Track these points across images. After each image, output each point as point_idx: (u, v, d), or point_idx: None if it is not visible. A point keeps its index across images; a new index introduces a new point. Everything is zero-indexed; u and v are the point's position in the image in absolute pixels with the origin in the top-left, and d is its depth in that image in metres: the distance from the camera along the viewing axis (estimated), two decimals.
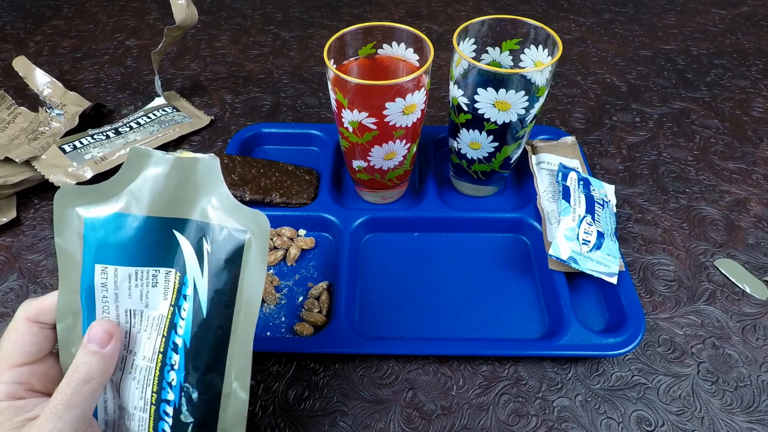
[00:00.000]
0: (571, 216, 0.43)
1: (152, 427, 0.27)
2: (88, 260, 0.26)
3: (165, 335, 0.27)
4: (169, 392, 0.27)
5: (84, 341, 0.25)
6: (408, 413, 0.37)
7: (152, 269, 0.27)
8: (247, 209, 0.26)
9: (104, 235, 0.26)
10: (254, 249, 0.26)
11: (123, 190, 0.26)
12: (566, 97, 0.64)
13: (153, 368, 0.27)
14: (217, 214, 0.26)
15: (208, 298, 0.27)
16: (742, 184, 0.54)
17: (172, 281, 0.27)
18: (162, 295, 0.27)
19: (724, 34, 0.76)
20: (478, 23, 0.42)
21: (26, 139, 0.55)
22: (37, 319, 0.26)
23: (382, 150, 0.42)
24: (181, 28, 0.56)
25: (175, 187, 0.26)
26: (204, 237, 0.26)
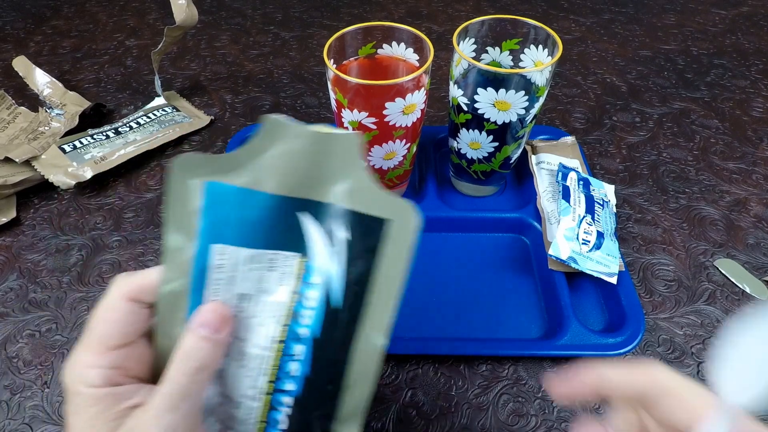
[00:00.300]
0: (570, 216, 0.43)
1: (264, 416, 0.26)
2: (205, 239, 0.23)
3: (285, 324, 0.25)
4: (289, 383, 0.26)
5: (193, 325, 0.23)
6: (408, 413, 0.37)
7: (271, 252, 0.24)
8: (392, 197, 0.23)
9: (227, 212, 0.23)
10: (394, 241, 0.24)
11: (251, 162, 0.23)
12: (566, 97, 0.64)
13: (269, 357, 0.25)
14: (354, 199, 0.24)
15: (342, 288, 0.24)
16: (742, 184, 0.54)
17: (293, 266, 0.24)
18: (278, 280, 0.25)
19: (724, 34, 0.76)
20: (478, 23, 0.42)
21: (26, 139, 0.55)
22: (137, 297, 0.23)
23: (381, 150, 0.42)
24: (181, 28, 0.56)
25: (309, 164, 0.23)
26: (339, 223, 0.24)
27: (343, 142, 0.23)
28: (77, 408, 0.22)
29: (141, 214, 0.50)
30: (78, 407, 0.22)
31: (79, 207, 0.51)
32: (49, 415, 0.37)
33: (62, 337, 0.41)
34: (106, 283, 0.44)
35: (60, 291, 0.44)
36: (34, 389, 0.38)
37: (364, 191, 0.24)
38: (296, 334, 0.25)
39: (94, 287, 0.44)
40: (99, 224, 0.49)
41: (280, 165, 0.23)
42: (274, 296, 0.25)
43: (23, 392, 0.38)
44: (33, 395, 0.38)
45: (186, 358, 0.22)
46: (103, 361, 0.22)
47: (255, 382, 0.26)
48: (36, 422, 0.36)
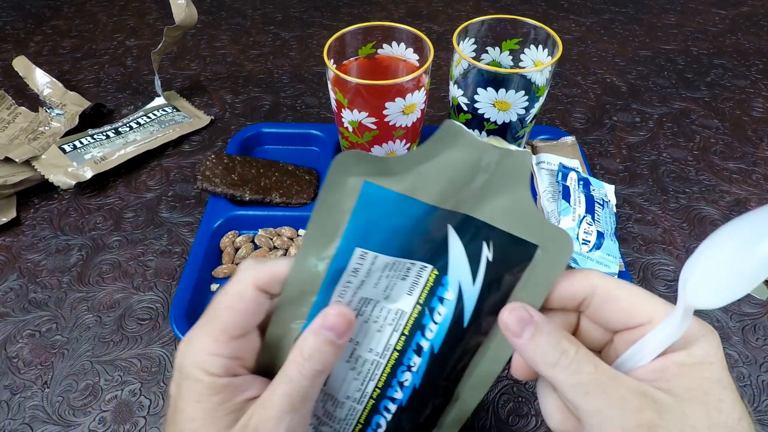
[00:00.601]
0: (571, 216, 0.43)
1: (364, 418, 0.26)
2: (349, 240, 0.22)
3: (406, 334, 0.24)
4: (398, 391, 0.25)
5: (318, 327, 0.22)
6: None
7: (409, 261, 0.23)
8: (547, 222, 0.22)
9: (378, 216, 0.22)
10: (541, 269, 0.23)
11: (414, 168, 0.22)
12: (566, 97, 0.64)
13: (383, 364, 0.25)
14: (508, 219, 0.22)
15: (473, 309, 0.23)
16: (742, 184, 0.54)
17: (425, 278, 0.24)
18: (407, 289, 0.24)
19: (724, 34, 0.76)
20: (478, 23, 0.42)
21: (26, 139, 0.55)
22: (266, 288, 0.23)
23: (382, 150, 0.42)
24: (181, 28, 0.56)
25: (469, 176, 0.22)
26: (485, 241, 0.23)
27: (516, 159, 0.22)
28: (196, 395, 0.21)
29: (141, 214, 0.50)
30: (197, 394, 0.21)
31: (79, 207, 0.51)
32: (49, 415, 0.37)
33: (62, 337, 0.41)
34: (106, 283, 0.44)
35: (60, 291, 0.44)
36: (34, 389, 0.38)
37: (521, 212, 0.22)
38: (417, 345, 0.25)
39: (94, 287, 0.44)
40: (99, 224, 0.49)
41: (442, 174, 0.22)
42: (397, 304, 0.24)
43: (23, 392, 0.38)
44: (33, 395, 0.38)
45: (309, 360, 0.22)
46: (226, 350, 0.22)
47: (363, 386, 0.25)
48: (36, 422, 0.36)
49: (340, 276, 0.23)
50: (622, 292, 0.22)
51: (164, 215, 0.50)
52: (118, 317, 0.42)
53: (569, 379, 0.20)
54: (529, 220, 0.22)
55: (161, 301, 0.43)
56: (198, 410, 0.21)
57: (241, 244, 0.46)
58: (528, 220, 0.22)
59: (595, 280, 0.22)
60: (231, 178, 0.49)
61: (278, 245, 0.46)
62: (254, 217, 0.48)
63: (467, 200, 0.22)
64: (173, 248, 0.47)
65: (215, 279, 0.44)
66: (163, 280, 0.45)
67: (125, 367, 0.39)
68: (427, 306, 0.24)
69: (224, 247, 0.46)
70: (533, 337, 0.21)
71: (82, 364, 0.39)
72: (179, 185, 0.53)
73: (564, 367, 0.20)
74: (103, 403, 0.37)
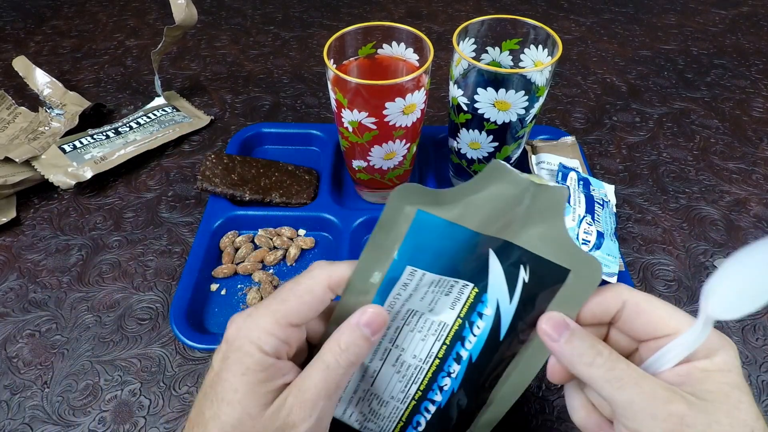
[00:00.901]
0: (571, 216, 0.43)
1: (406, 417, 0.29)
2: (402, 259, 0.26)
3: (447, 344, 0.27)
4: (438, 394, 0.28)
5: (357, 322, 0.24)
6: None
7: (453, 279, 0.26)
8: (579, 250, 0.25)
9: (427, 240, 0.25)
10: (573, 291, 0.25)
11: (462, 200, 0.25)
12: (566, 97, 0.64)
13: (425, 369, 0.28)
14: (543, 246, 0.25)
15: (509, 324, 0.26)
16: (742, 184, 0.54)
17: (466, 295, 0.27)
18: (450, 304, 0.27)
19: (724, 34, 0.76)
20: (478, 23, 0.42)
21: (26, 139, 0.55)
22: (334, 289, 0.25)
23: (381, 150, 0.42)
24: (181, 28, 0.56)
25: (510, 207, 0.25)
26: (522, 265, 0.25)
27: (553, 194, 0.24)
28: (243, 368, 0.23)
29: (141, 214, 0.50)
30: (244, 368, 0.23)
31: (79, 207, 0.51)
32: (48, 415, 0.37)
33: (62, 337, 0.41)
34: (106, 283, 0.44)
35: (60, 291, 0.44)
36: (34, 389, 0.38)
37: (555, 240, 0.25)
38: (457, 354, 0.27)
39: (94, 287, 0.44)
40: (99, 224, 0.49)
41: (486, 206, 0.25)
42: (440, 317, 0.27)
43: (23, 392, 0.38)
44: (33, 395, 0.38)
45: (345, 351, 0.24)
46: (282, 333, 0.23)
47: (407, 387, 0.29)
48: (36, 422, 0.36)
49: (392, 287, 0.26)
50: (650, 305, 0.24)
51: (164, 215, 0.50)
52: (118, 317, 0.42)
53: (604, 375, 0.22)
54: (562, 247, 0.25)
55: (161, 301, 0.43)
56: (242, 383, 0.22)
57: (241, 244, 0.46)
58: (562, 247, 0.25)
59: (624, 296, 0.24)
60: (231, 178, 0.49)
61: (278, 245, 0.46)
62: (254, 217, 0.48)
63: (508, 228, 0.25)
64: (173, 248, 0.47)
65: (215, 279, 0.44)
66: (163, 280, 0.45)
67: (125, 367, 0.39)
68: (468, 320, 0.27)
69: (224, 247, 0.46)
70: (569, 340, 0.23)
71: (82, 364, 0.39)
72: (179, 185, 0.53)
73: (599, 366, 0.22)
74: (103, 403, 0.37)
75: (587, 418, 0.26)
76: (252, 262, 0.45)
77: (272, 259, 0.45)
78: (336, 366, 0.23)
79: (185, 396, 0.38)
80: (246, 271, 0.45)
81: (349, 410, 0.30)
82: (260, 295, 0.43)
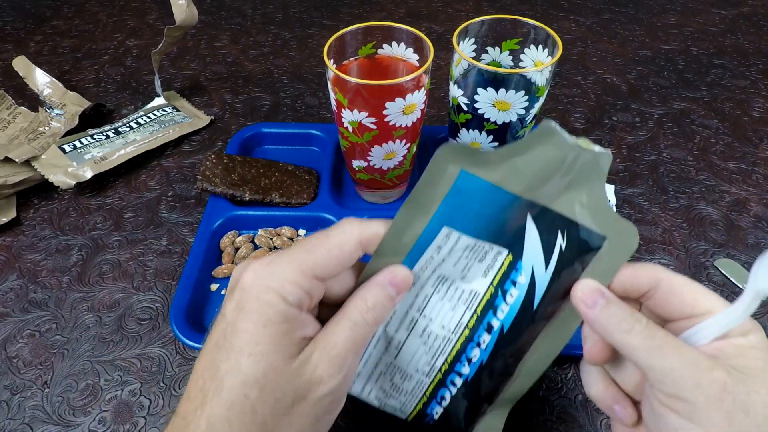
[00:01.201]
0: None
1: (430, 392, 0.28)
2: (439, 219, 0.25)
3: (478, 314, 0.26)
4: (465, 366, 0.27)
5: (383, 281, 0.24)
6: None
7: (488, 244, 0.25)
8: (617, 217, 0.24)
9: (467, 201, 0.24)
10: (606, 260, 0.25)
11: (506, 162, 0.24)
12: (566, 97, 0.64)
13: (453, 340, 0.27)
14: (582, 212, 0.25)
15: (543, 293, 0.25)
16: (742, 184, 0.54)
17: (500, 262, 0.26)
18: (482, 272, 0.26)
19: (724, 34, 0.76)
20: (478, 23, 0.42)
21: (26, 139, 0.55)
22: (365, 246, 0.24)
23: (381, 150, 0.42)
24: (181, 28, 0.56)
25: (554, 172, 0.24)
26: (560, 231, 0.25)
27: (597, 158, 0.24)
28: (264, 319, 0.22)
29: (141, 214, 0.50)
30: (265, 318, 0.22)
31: (79, 207, 0.51)
32: (49, 415, 0.37)
33: (62, 337, 0.41)
34: (106, 283, 0.44)
35: (60, 291, 0.44)
36: (34, 389, 0.38)
37: (595, 207, 0.24)
38: (488, 324, 0.27)
39: (94, 287, 0.44)
40: (99, 224, 0.49)
41: (530, 169, 0.24)
42: (472, 285, 0.26)
43: (23, 392, 0.38)
44: (33, 395, 0.38)
45: (372, 309, 0.23)
46: (306, 284, 0.22)
47: (433, 360, 0.27)
48: (36, 422, 0.36)
49: (425, 249, 0.25)
50: (686, 287, 0.24)
51: (164, 215, 0.50)
52: (118, 317, 0.42)
53: (644, 342, 0.22)
54: (601, 213, 0.24)
55: (161, 301, 0.43)
56: (265, 335, 0.21)
57: (241, 244, 0.46)
58: (601, 213, 0.24)
59: (660, 274, 0.24)
60: (231, 178, 0.49)
61: (278, 245, 0.46)
62: (254, 217, 0.48)
63: (549, 193, 0.24)
64: (173, 248, 0.47)
65: (215, 279, 0.44)
66: (163, 280, 0.45)
67: (125, 367, 0.39)
68: (501, 287, 0.26)
69: (224, 247, 0.46)
70: (606, 307, 0.23)
71: (82, 364, 0.39)
72: (179, 185, 0.53)
73: (638, 333, 0.22)
74: (103, 403, 0.37)
75: (604, 392, 0.26)
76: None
77: None
78: (363, 323, 0.23)
79: None
80: None
81: (369, 386, 0.29)
82: None
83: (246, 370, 0.21)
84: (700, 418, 0.21)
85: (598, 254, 0.25)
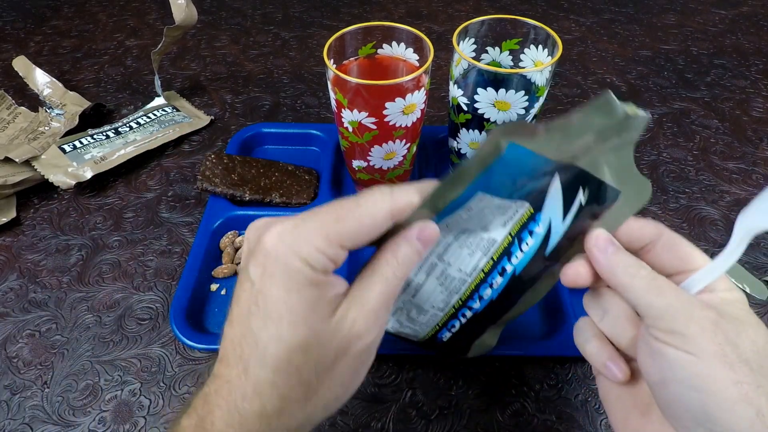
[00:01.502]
0: None
1: (443, 323, 0.31)
2: (478, 185, 0.25)
3: (494, 260, 0.28)
4: (477, 302, 0.30)
5: (412, 237, 0.24)
6: (408, 413, 0.37)
7: (513, 202, 0.27)
8: (636, 173, 0.26)
9: (508, 168, 0.25)
10: (617, 212, 0.26)
11: (560, 132, 0.25)
12: (566, 97, 0.64)
13: (468, 282, 0.29)
14: (605, 170, 0.26)
15: (557, 241, 0.27)
16: (742, 184, 0.54)
17: (521, 214, 0.27)
18: (502, 222, 0.28)
19: (724, 34, 0.76)
20: (478, 23, 0.42)
21: (26, 139, 0.55)
22: (397, 217, 0.24)
23: (381, 150, 0.42)
24: (180, 28, 0.56)
25: (595, 137, 0.25)
26: (582, 187, 0.26)
27: (637, 124, 0.25)
28: (296, 285, 0.22)
29: (141, 214, 0.50)
30: (297, 284, 0.22)
31: (79, 207, 0.51)
32: (48, 415, 0.37)
33: (62, 337, 0.41)
34: (106, 283, 0.44)
35: (60, 291, 0.44)
36: (34, 389, 0.38)
37: (621, 165, 0.26)
38: (502, 268, 0.29)
39: (94, 287, 0.44)
40: (99, 224, 0.49)
41: (578, 138, 0.25)
42: (490, 234, 0.28)
43: (23, 392, 0.38)
44: (33, 395, 0.38)
45: (401, 264, 0.24)
46: (331, 252, 0.23)
47: (449, 298, 0.30)
48: (36, 422, 0.36)
49: (456, 209, 0.26)
50: (682, 243, 0.26)
51: (164, 215, 0.50)
52: (118, 317, 0.42)
53: (647, 285, 0.24)
54: (625, 170, 0.26)
55: (161, 301, 0.43)
56: (299, 301, 0.22)
57: (241, 244, 0.46)
58: (624, 171, 0.26)
59: (662, 230, 0.27)
60: (231, 178, 0.49)
61: None
62: (254, 217, 0.47)
63: (581, 154, 0.26)
64: (173, 248, 0.47)
65: (215, 279, 0.44)
66: (163, 280, 0.45)
67: (125, 367, 0.39)
68: (518, 236, 0.28)
69: (224, 247, 0.46)
70: (616, 252, 0.26)
71: (82, 364, 0.39)
72: (179, 185, 0.53)
73: (643, 277, 0.25)
74: (103, 403, 0.37)
75: (599, 349, 0.28)
76: None
77: None
78: (393, 278, 0.24)
79: (185, 396, 0.38)
80: None
81: (390, 318, 0.31)
82: None
83: (288, 338, 0.22)
84: (695, 348, 0.22)
85: (611, 208, 0.26)
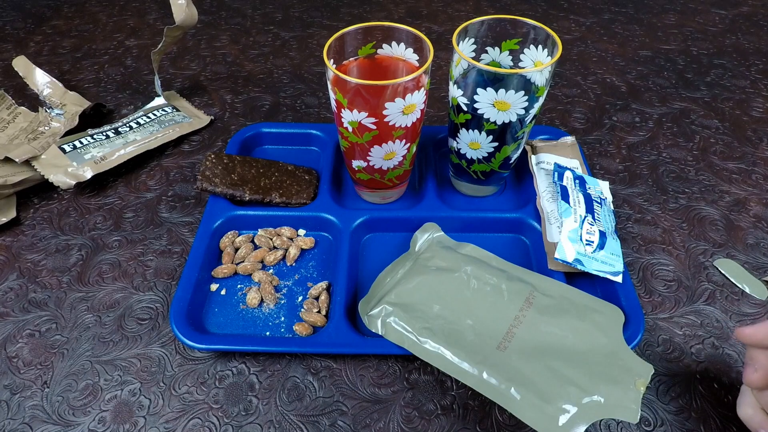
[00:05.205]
0: (572, 217, 0.43)
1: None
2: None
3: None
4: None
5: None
6: (407, 413, 0.37)
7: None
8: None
9: None
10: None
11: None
12: (566, 97, 0.64)
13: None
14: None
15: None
16: (741, 184, 0.54)
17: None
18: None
19: (724, 34, 0.76)
20: (478, 23, 0.42)
21: (26, 139, 0.55)
22: None
23: (381, 150, 0.42)
24: (180, 28, 0.56)
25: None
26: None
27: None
28: None
29: (141, 214, 0.50)
30: None
31: (79, 207, 0.51)
32: (48, 415, 0.37)
33: (62, 337, 0.41)
34: (106, 283, 0.44)
35: (60, 291, 0.44)
36: (34, 389, 0.38)
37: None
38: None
39: (94, 287, 0.44)
40: (99, 224, 0.49)
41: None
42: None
43: (23, 392, 0.38)
44: (33, 395, 0.38)
45: None
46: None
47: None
48: (36, 422, 0.36)
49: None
50: None
51: (164, 215, 0.50)
52: (117, 317, 0.42)
53: None
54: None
55: (161, 301, 0.43)
56: None
57: (241, 243, 0.46)
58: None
59: None
60: (231, 178, 0.49)
61: (278, 245, 0.46)
62: (254, 217, 0.48)
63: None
64: (173, 248, 0.47)
65: (215, 279, 0.44)
66: (162, 280, 0.45)
67: (125, 367, 0.39)
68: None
69: (224, 247, 0.46)
70: None
71: (81, 364, 0.39)
72: (179, 185, 0.53)
73: None
74: (103, 403, 0.37)
75: (753, 416, 0.32)
76: (252, 262, 0.45)
77: (272, 259, 0.45)
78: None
79: (185, 396, 0.38)
80: (246, 271, 0.45)
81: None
82: (260, 296, 0.43)
83: None
84: None
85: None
